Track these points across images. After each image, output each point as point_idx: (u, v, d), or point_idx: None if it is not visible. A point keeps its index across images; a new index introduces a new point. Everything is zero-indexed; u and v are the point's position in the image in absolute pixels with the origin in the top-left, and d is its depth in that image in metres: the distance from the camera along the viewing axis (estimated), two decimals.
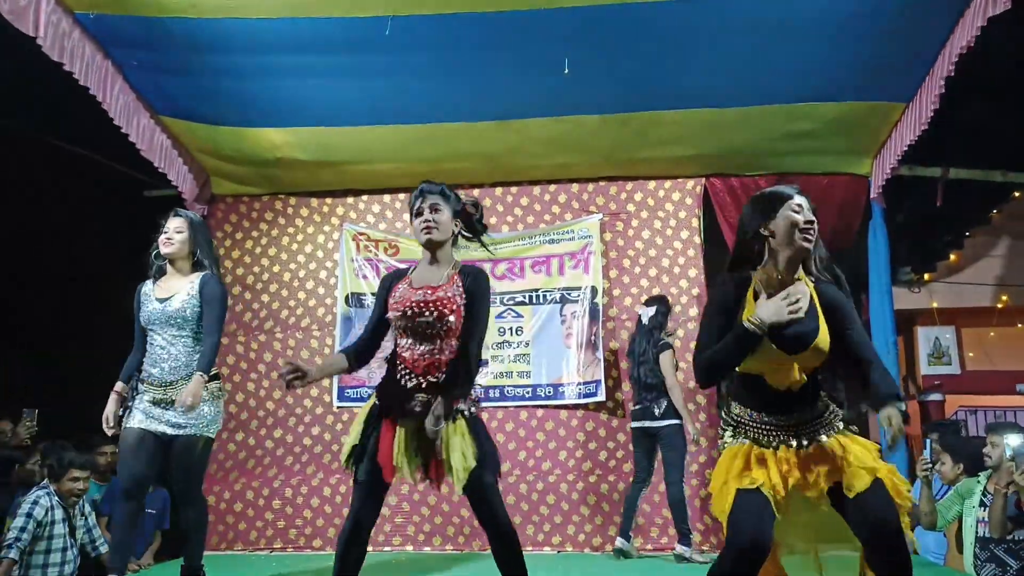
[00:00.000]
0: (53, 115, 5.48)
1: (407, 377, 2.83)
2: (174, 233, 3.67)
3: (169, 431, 3.51)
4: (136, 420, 3.50)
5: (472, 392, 2.87)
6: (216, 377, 3.66)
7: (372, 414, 2.86)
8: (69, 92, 4.52)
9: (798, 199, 2.47)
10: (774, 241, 2.47)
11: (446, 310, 2.81)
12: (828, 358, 2.45)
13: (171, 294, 3.60)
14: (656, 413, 4.99)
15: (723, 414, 2.62)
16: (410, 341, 2.85)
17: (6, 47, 4.13)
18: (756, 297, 2.47)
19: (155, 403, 3.51)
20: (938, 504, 4.35)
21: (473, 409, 2.85)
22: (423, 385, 2.80)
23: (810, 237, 2.44)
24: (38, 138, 5.82)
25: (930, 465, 4.32)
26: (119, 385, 3.60)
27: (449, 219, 2.93)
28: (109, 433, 3.59)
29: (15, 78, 4.81)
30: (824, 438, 2.43)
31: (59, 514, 4.26)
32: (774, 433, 2.46)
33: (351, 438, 2.85)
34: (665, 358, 5.01)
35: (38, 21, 3.98)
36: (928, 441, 4.44)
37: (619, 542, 5.06)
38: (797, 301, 2.33)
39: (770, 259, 2.49)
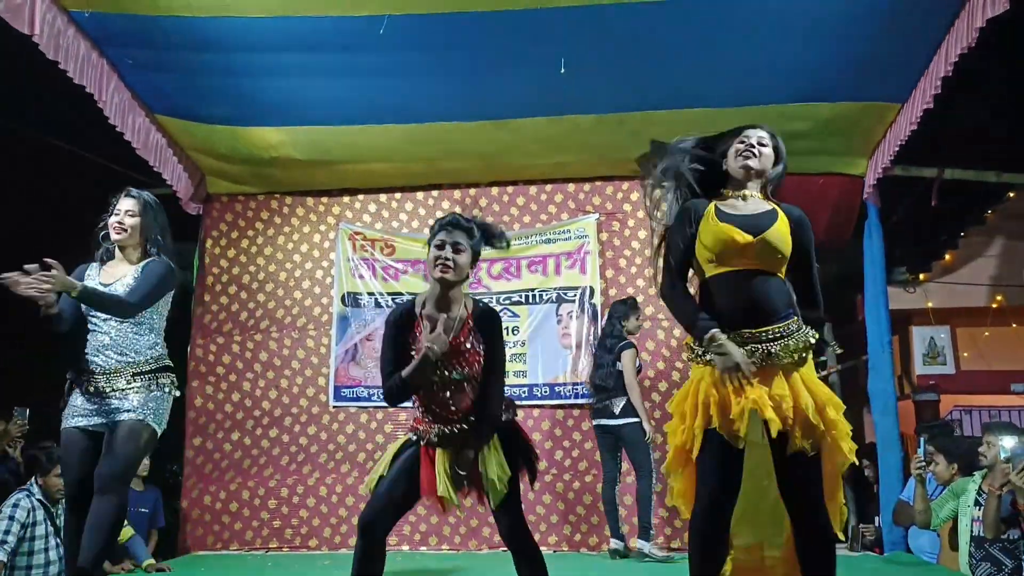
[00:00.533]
0: (47, 114, 5.46)
1: (438, 422, 2.83)
2: (126, 217, 3.27)
3: (114, 418, 3.14)
4: (71, 420, 3.19)
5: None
6: (168, 369, 3.30)
7: (406, 444, 2.87)
8: (64, 90, 4.50)
9: (749, 131, 2.71)
10: (726, 164, 2.71)
11: (471, 363, 2.80)
12: (788, 268, 2.60)
13: (115, 279, 3.25)
14: (615, 411, 5.05)
15: None
16: (434, 391, 2.81)
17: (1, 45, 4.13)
18: (717, 212, 2.61)
19: (94, 393, 3.16)
20: (932, 503, 4.36)
21: (506, 416, 2.89)
22: (454, 428, 2.81)
23: (750, 162, 2.64)
24: (31, 136, 5.81)
25: (924, 464, 4.33)
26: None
27: (468, 262, 2.82)
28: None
29: (8, 76, 4.80)
30: (783, 359, 2.46)
31: (40, 514, 4.22)
32: (738, 344, 2.48)
33: (380, 468, 2.84)
34: (626, 357, 5.08)
35: (33, 19, 3.95)
36: (922, 440, 4.45)
37: (613, 543, 5.07)
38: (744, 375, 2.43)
39: (729, 182, 2.71)
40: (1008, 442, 3.93)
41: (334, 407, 5.93)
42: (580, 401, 5.72)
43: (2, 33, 3.89)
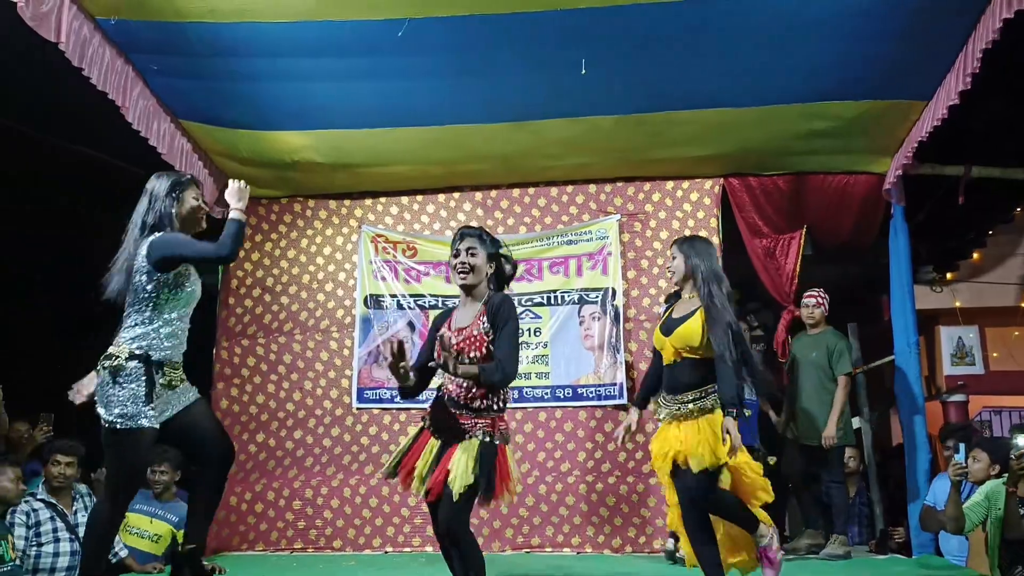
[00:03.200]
0: (74, 120, 5.52)
1: (451, 404, 3.27)
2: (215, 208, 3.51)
3: (183, 403, 3.26)
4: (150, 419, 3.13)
5: (501, 420, 3.29)
6: (138, 357, 3.17)
7: (419, 431, 3.35)
8: (90, 96, 4.54)
9: (669, 252, 3.70)
10: None
11: (469, 348, 3.19)
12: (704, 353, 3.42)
13: None
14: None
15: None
16: (450, 376, 3.24)
17: (26, 52, 4.19)
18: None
19: (167, 386, 3.22)
20: (965, 508, 4.24)
21: (495, 439, 3.22)
22: (464, 412, 3.23)
23: (669, 276, 3.80)
24: (57, 142, 5.88)
25: (965, 470, 4.20)
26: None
27: (484, 262, 3.27)
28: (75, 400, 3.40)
29: (32, 82, 4.86)
30: (687, 420, 3.41)
31: (45, 513, 4.38)
32: (670, 407, 3.50)
33: (397, 452, 3.44)
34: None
35: (60, 27, 4.00)
36: (962, 445, 4.31)
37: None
38: None
39: None
40: (1022, 439, 3.88)
41: (357, 409, 5.96)
42: (603, 403, 5.71)
43: (26, 38, 3.95)
